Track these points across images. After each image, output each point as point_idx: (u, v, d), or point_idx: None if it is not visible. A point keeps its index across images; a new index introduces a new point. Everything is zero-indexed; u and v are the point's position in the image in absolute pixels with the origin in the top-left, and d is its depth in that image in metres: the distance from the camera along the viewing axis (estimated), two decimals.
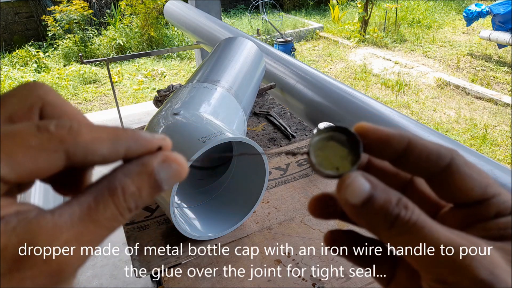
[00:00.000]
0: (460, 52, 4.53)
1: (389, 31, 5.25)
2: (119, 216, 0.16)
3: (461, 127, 2.95)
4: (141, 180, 0.17)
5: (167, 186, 0.17)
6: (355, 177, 0.18)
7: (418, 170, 0.19)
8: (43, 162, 0.15)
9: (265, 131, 1.08)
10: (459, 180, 0.19)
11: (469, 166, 0.19)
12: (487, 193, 0.19)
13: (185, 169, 0.18)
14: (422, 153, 0.19)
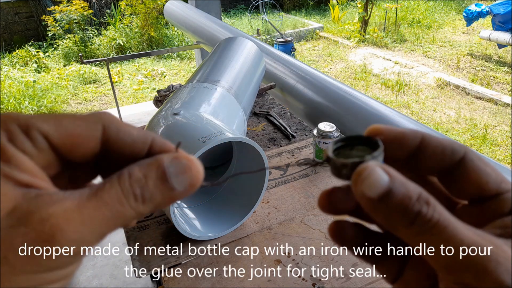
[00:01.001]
0: (460, 52, 4.53)
1: (389, 31, 5.25)
2: (123, 198, 0.16)
3: (461, 127, 2.95)
4: (148, 170, 0.17)
5: (178, 184, 0.17)
6: (373, 169, 0.17)
7: (432, 166, 0.19)
8: (83, 129, 0.17)
9: (265, 131, 1.08)
10: (473, 174, 0.18)
11: (483, 161, 0.19)
12: (502, 187, 0.18)
13: (196, 167, 0.18)
14: (437, 148, 0.19)
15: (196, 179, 0.18)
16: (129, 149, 0.18)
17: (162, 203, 0.17)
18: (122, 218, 0.16)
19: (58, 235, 0.15)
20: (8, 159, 0.16)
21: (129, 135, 0.18)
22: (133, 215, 0.17)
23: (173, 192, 0.17)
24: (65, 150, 0.18)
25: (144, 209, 0.17)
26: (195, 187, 0.18)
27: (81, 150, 0.18)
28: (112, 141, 0.18)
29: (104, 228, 0.16)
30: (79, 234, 0.15)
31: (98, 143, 0.18)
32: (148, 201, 0.17)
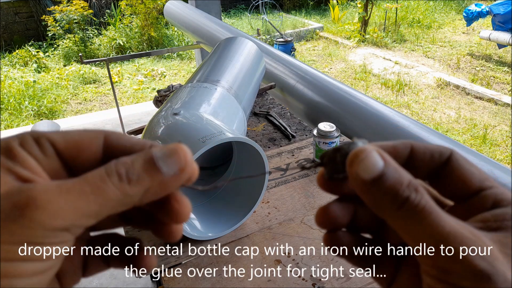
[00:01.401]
0: (460, 52, 4.52)
1: (389, 31, 5.25)
2: (105, 176, 0.17)
3: (461, 127, 2.95)
4: (136, 156, 0.18)
5: (166, 167, 0.18)
6: (370, 152, 0.18)
7: (423, 170, 0.20)
8: (87, 137, 0.19)
9: (265, 131, 1.08)
10: (458, 172, 0.19)
11: (468, 161, 0.20)
12: (485, 184, 0.19)
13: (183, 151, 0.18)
14: (426, 153, 0.20)
15: (184, 162, 0.18)
16: (129, 152, 0.19)
17: (153, 187, 0.18)
18: (103, 196, 0.17)
19: (31, 203, 0.15)
20: (14, 157, 0.17)
21: (129, 141, 0.20)
22: (118, 194, 0.17)
23: (162, 175, 0.18)
24: (70, 156, 0.19)
25: (132, 190, 0.17)
26: (185, 171, 0.18)
27: (85, 155, 0.19)
28: (114, 147, 0.20)
29: (83, 203, 0.16)
30: (56, 205, 0.16)
31: (100, 149, 0.19)
32: (135, 182, 0.17)
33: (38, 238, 0.15)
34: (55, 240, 0.16)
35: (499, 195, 0.19)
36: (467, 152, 0.86)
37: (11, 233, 0.15)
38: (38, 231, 0.15)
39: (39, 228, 0.15)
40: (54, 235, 0.16)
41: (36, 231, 0.15)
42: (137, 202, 0.18)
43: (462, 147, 0.89)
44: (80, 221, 0.16)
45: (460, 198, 0.20)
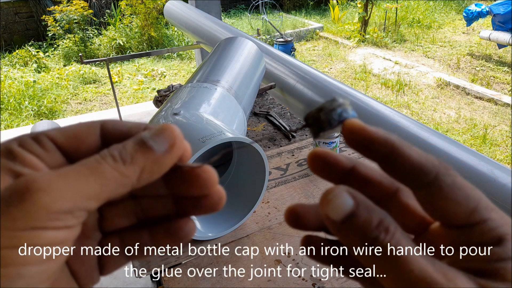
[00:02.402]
0: (460, 52, 4.52)
1: (389, 31, 5.25)
2: (100, 159, 0.17)
3: (461, 127, 2.95)
4: (127, 141, 0.19)
5: (156, 145, 0.18)
6: (339, 193, 0.17)
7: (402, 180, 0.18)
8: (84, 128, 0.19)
9: (265, 131, 1.08)
10: (441, 202, 0.17)
11: (457, 187, 0.17)
12: (471, 219, 0.17)
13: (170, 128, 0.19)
14: (405, 164, 0.18)
15: (173, 138, 0.19)
16: (126, 136, 0.19)
17: (147, 166, 0.18)
18: (101, 176, 0.17)
19: (31, 187, 0.15)
20: (14, 157, 0.17)
21: (125, 125, 0.20)
22: (117, 175, 0.17)
23: (154, 153, 0.18)
24: (71, 147, 0.19)
25: (128, 171, 0.17)
26: (176, 146, 0.19)
27: (85, 145, 0.19)
28: (111, 133, 0.20)
29: (83, 184, 0.16)
30: (57, 187, 0.16)
31: (98, 137, 0.20)
32: (129, 162, 0.17)
33: (42, 222, 0.15)
34: (59, 224, 0.16)
35: (487, 233, 0.17)
36: (467, 152, 0.86)
37: (14, 218, 0.15)
38: (41, 214, 0.15)
39: (42, 211, 0.15)
40: (57, 218, 0.15)
41: (39, 214, 0.15)
42: (136, 183, 0.18)
43: (462, 147, 0.89)
44: (82, 203, 0.16)
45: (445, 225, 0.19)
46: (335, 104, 0.19)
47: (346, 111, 0.19)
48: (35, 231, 0.15)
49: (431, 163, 0.18)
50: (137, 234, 0.21)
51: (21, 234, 0.15)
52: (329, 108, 0.19)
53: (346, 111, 0.19)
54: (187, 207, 0.21)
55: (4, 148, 0.17)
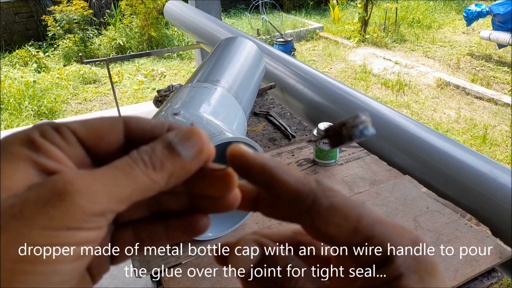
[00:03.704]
0: (460, 52, 4.52)
1: (389, 31, 5.25)
2: (132, 163, 0.17)
3: (461, 127, 2.95)
4: (155, 143, 0.18)
5: (185, 151, 0.18)
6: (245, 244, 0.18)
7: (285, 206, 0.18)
8: (106, 123, 0.19)
9: (265, 131, 1.08)
10: (322, 226, 0.17)
11: (334, 208, 0.17)
12: (355, 240, 0.17)
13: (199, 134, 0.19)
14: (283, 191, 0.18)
15: (201, 144, 0.19)
16: (150, 135, 0.19)
17: (175, 172, 0.18)
18: (134, 181, 0.17)
19: (69, 188, 0.15)
20: (37, 148, 0.17)
21: (148, 123, 0.20)
22: (147, 181, 0.17)
23: (182, 159, 0.18)
24: (92, 143, 0.19)
25: (158, 177, 0.18)
26: (203, 152, 0.19)
27: (106, 142, 0.19)
28: (134, 131, 0.20)
29: (117, 188, 0.17)
30: (93, 190, 0.16)
31: (121, 134, 0.19)
32: (159, 169, 0.18)
33: (77, 223, 0.15)
34: (92, 225, 0.16)
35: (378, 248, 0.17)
36: (467, 152, 0.86)
37: (51, 218, 0.15)
38: (77, 215, 0.15)
39: (79, 213, 0.15)
40: (91, 220, 0.16)
41: (76, 215, 0.15)
42: (164, 188, 0.18)
43: (462, 147, 0.89)
44: (114, 206, 0.17)
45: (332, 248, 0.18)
46: (357, 121, 0.20)
47: (367, 128, 0.20)
48: (70, 231, 0.15)
49: (308, 188, 0.18)
50: (152, 226, 0.21)
51: (57, 234, 0.15)
52: (351, 124, 0.20)
53: (367, 128, 0.20)
54: (202, 204, 0.21)
55: (25, 137, 0.17)
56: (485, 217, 0.76)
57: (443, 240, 0.67)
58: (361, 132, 0.19)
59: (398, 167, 0.90)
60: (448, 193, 0.83)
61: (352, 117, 0.20)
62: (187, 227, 0.21)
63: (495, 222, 0.74)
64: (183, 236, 0.21)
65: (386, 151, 0.97)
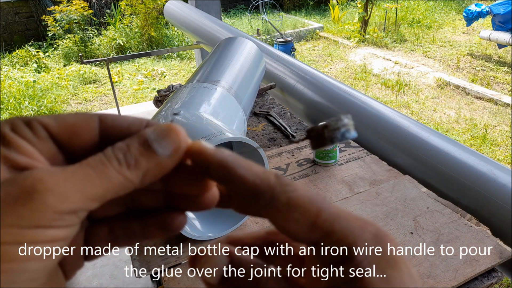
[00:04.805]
0: (460, 52, 4.52)
1: (389, 31, 5.25)
2: (106, 161, 0.17)
3: (461, 127, 2.95)
4: (131, 140, 0.18)
5: (161, 148, 0.18)
6: (210, 255, 0.18)
7: (246, 202, 0.18)
8: (81, 119, 0.19)
9: (265, 131, 1.08)
10: (281, 222, 0.17)
11: (293, 204, 0.17)
12: (314, 235, 0.17)
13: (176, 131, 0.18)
14: (241, 186, 0.17)
15: (178, 141, 0.18)
16: (126, 132, 0.19)
17: (151, 170, 0.18)
18: (107, 179, 0.17)
19: (39, 186, 0.15)
20: (7, 143, 0.17)
21: (125, 121, 0.19)
22: (121, 179, 0.17)
23: (158, 157, 0.18)
24: (65, 139, 0.18)
25: (132, 175, 0.17)
26: (180, 151, 0.18)
27: (80, 139, 0.19)
28: (109, 128, 0.19)
29: (89, 186, 0.16)
30: (64, 188, 0.16)
31: (96, 131, 0.19)
32: (133, 167, 0.17)
33: (47, 221, 0.15)
34: (62, 223, 0.16)
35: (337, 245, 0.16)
36: (467, 152, 0.86)
37: (20, 216, 0.15)
38: (47, 214, 0.15)
39: (49, 211, 0.15)
40: (61, 218, 0.16)
41: (46, 214, 0.15)
42: (138, 186, 0.18)
43: (462, 147, 0.89)
44: (86, 204, 0.16)
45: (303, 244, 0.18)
46: (340, 124, 0.20)
47: (349, 131, 0.20)
48: (39, 229, 0.15)
49: (267, 183, 0.17)
50: (127, 223, 0.20)
51: (25, 232, 0.15)
52: (333, 127, 0.20)
53: (349, 131, 0.20)
54: (179, 202, 0.21)
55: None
56: (485, 217, 0.76)
57: (443, 240, 0.67)
58: (343, 135, 0.20)
59: (398, 167, 0.90)
60: (448, 193, 0.83)
61: (334, 120, 0.20)
62: (163, 224, 0.20)
63: (495, 222, 0.74)
64: (159, 234, 0.21)
65: (386, 151, 0.97)
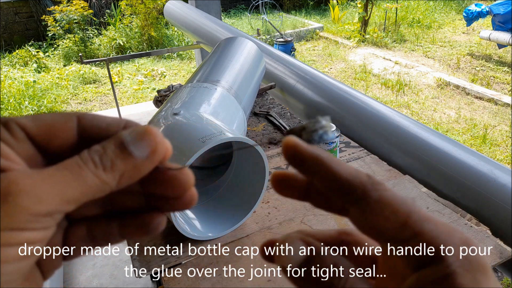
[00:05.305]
0: (460, 52, 4.52)
1: (389, 31, 5.25)
2: (82, 164, 0.17)
3: (461, 127, 2.95)
4: (107, 142, 0.18)
5: (137, 150, 0.18)
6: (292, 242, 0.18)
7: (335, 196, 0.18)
8: (59, 119, 0.19)
9: (265, 131, 1.08)
10: (370, 218, 0.17)
11: (384, 202, 0.17)
12: (403, 234, 0.17)
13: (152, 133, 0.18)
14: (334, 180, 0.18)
15: (154, 143, 0.18)
16: (105, 133, 0.19)
17: (127, 172, 0.18)
18: (83, 182, 0.17)
19: (13, 188, 0.15)
20: None
21: (104, 121, 0.19)
22: (97, 182, 0.17)
23: (134, 159, 0.18)
24: (43, 139, 0.18)
25: (108, 178, 0.17)
26: (156, 153, 0.18)
27: (59, 140, 0.19)
28: (88, 128, 0.19)
29: (65, 189, 0.16)
30: (40, 190, 0.16)
31: (75, 132, 0.19)
32: (109, 169, 0.17)
33: (22, 224, 0.15)
34: (38, 225, 0.16)
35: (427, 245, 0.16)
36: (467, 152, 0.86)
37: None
38: (22, 216, 0.15)
39: (24, 214, 0.15)
40: (37, 221, 0.16)
41: (20, 216, 0.15)
42: (115, 188, 0.18)
43: (462, 147, 0.89)
44: (62, 207, 0.16)
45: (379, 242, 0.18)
46: (317, 126, 0.20)
47: (326, 133, 0.20)
48: (14, 231, 0.15)
49: (359, 180, 0.18)
50: (105, 224, 0.20)
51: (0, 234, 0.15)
52: (311, 129, 0.20)
53: (326, 133, 0.20)
54: (157, 203, 0.21)
55: None
56: (485, 217, 0.76)
57: None
58: (320, 137, 0.20)
59: (398, 167, 0.90)
60: (448, 193, 0.83)
61: (312, 122, 0.20)
62: (142, 225, 0.20)
63: (495, 222, 0.74)
64: (137, 234, 0.21)
65: (386, 151, 0.97)
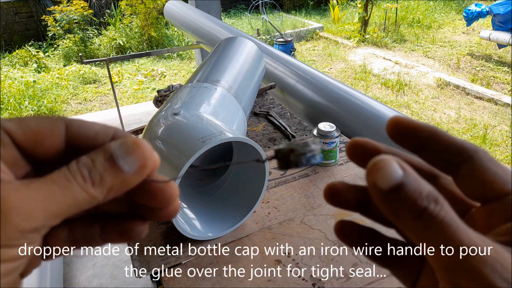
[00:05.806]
0: (460, 52, 4.52)
1: (389, 31, 5.25)
2: (70, 177, 0.17)
3: (461, 127, 2.95)
4: (96, 154, 0.18)
5: (126, 165, 0.18)
6: (389, 161, 0.17)
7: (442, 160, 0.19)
8: (46, 125, 0.18)
9: (265, 131, 1.08)
10: (480, 172, 0.18)
11: (494, 162, 0.19)
12: (507, 188, 0.18)
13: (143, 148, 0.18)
14: (448, 144, 0.19)
15: (144, 158, 0.18)
16: (92, 142, 0.19)
17: (115, 186, 0.18)
18: (71, 196, 0.16)
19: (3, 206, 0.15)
20: None
21: (92, 129, 0.19)
22: (85, 196, 0.17)
23: (123, 173, 0.18)
24: (29, 146, 0.18)
25: (96, 192, 0.17)
26: (146, 168, 0.18)
27: (45, 146, 0.18)
28: (76, 136, 0.19)
29: (53, 204, 0.16)
30: (28, 206, 0.15)
31: (62, 139, 0.19)
32: (98, 183, 0.17)
33: (9, 241, 0.15)
34: (25, 241, 0.16)
35: None
36: None
37: None
38: (10, 233, 0.15)
39: (11, 231, 0.15)
40: (24, 237, 0.16)
41: (8, 233, 0.15)
42: (101, 201, 0.18)
43: None
44: (49, 221, 0.16)
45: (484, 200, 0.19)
46: (306, 149, 0.20)
47: (314, 157, 0.20)
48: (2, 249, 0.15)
49: (469, 143, 0.19)
50: (87, 227, 0.20)
51: None
52: (299, 152, 0.20)
53: (314, 157, 0.20)
54: (141, 211, 0.21)
55: None
56: None
57: None
58: (308, 160, 0.20)
59: None
60: None
61: (301, 145, 0.20)
62: (124, 231, 0.20)
63: None
64: (118, 239, 0.20)
65: None
